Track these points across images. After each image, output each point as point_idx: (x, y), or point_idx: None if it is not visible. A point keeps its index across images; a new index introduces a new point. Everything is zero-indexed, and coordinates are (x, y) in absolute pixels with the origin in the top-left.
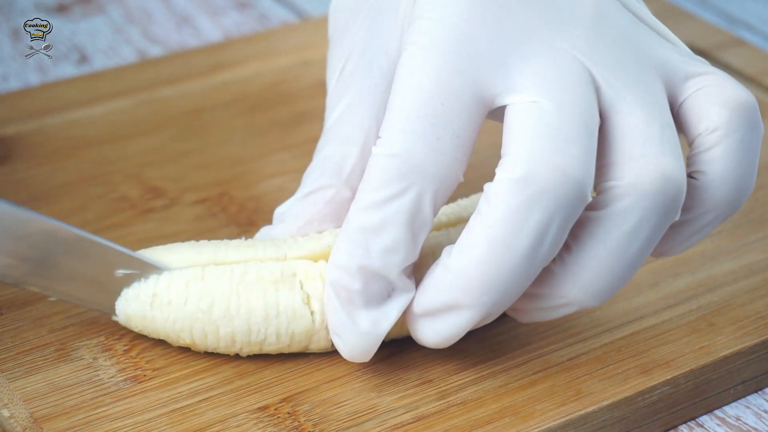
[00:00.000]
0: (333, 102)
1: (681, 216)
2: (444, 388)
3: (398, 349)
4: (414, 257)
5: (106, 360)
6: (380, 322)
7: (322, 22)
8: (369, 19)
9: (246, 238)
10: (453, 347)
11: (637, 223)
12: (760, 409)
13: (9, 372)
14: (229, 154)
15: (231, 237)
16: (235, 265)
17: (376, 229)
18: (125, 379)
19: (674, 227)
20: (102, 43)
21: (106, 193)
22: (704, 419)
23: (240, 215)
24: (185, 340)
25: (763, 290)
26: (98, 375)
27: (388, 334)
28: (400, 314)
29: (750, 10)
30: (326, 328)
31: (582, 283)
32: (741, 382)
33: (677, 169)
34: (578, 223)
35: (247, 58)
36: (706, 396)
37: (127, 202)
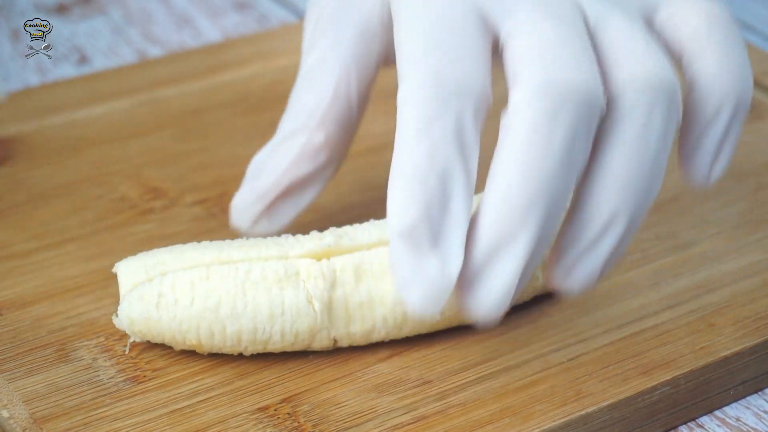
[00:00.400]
0: (307, 51)
1: (696, 124)
2: (444, 388)
3: (398, 350)
4: (471, 184)
5: (105, 361)
6: (450, 264)
7: None
8: None
9: (247, 238)
10: (453, 348)
11: (645, 117)
12: (760, 409)
13: (9, 373)
14: (229, 154)
15: (231, 237)
16: (239, 264)
17: (428, 156)
18: (125, 380)
19: (699, 136)
20: (102, 43)
21: (105, 194)
22: (704, 420)
23: None
24: (191, 340)
25: (764, 291)
26: (98, 376)
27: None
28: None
29: (750, 10)
30: (328, 327)
31: (615, 191)
32: (741, 382)
33: (666, 66)
34: (596, 135)
35: (246, 59)
36: (706, 396)
37: (127, 202)
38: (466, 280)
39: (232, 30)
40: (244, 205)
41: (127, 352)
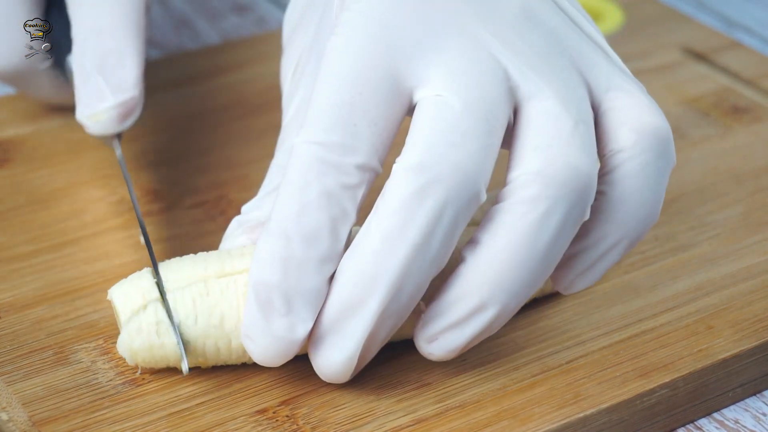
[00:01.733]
0: (288, 99)
1: (582, 240)
2: (443, 391)
3: (397, 352)
4: (335, 254)
5: (104, 363)
6: (296, 327)
7: None
8: (317, 16)
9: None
10: None
11: (544, 212)
12: (758, 412)
13: (8, 375)
14: (228, 157)
15: None
16: (237, 276)
17: (296, 217)
18: (124, 383)
19: (577, 253)
20: None
21: (104, 196)
22: (703, 422)
23: None
24: (198, 358)
25: (762, 293)
26: (97, 378)
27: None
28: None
29: (748, 12)
30: None
31: (494, 279)
32: (739, 385)
33: (586, 163)
34: (487, 217)
35: (245, 62)
36: (704, 399)
37: (126, 204)
38: (315, 338)
39: (231, 32)
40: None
41: (138, 374)
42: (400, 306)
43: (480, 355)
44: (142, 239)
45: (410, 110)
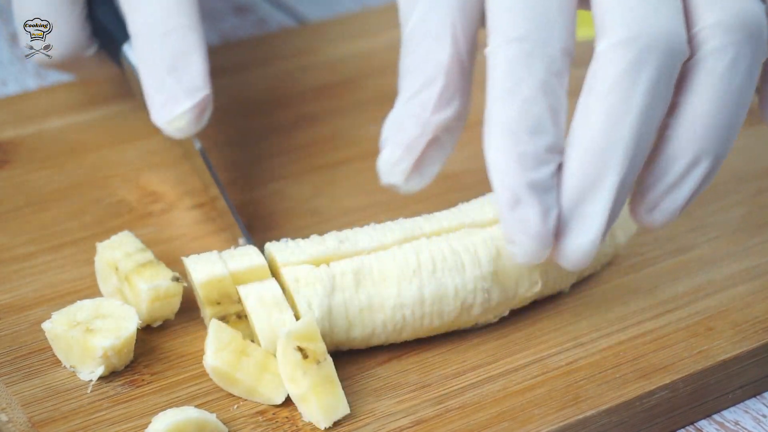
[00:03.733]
0: (409, 8)
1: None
2: (443, 392)
3: (397, 354)
4: (561, 142)
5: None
6: (548, 217)
7: (321, 27)
8: None
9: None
10: (451, 352)
11: (733, 58)
12: (758, 413)
13: (7, 376)
14: (227, 158)
15: (228, 241)
16: (407, 248)
17: (518, 114)
18: (123, 384)
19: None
20: None
21: (104, 197)
22: (703, 424)
23: None
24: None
25: (762, 294)
26: (96, 379)
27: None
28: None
29: None
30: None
31: (703, 131)
32: (740, 386)
33: (756, 4)
34: (680, 78)
35: (245, 63)
36: (704, 400)
37: (126, 206)
38: (558, 228)
39: (231, 34)
40: (393, 161)
41: (138, 376)
42: (633, 176)
43: (480, 356)
44: (241, 240)
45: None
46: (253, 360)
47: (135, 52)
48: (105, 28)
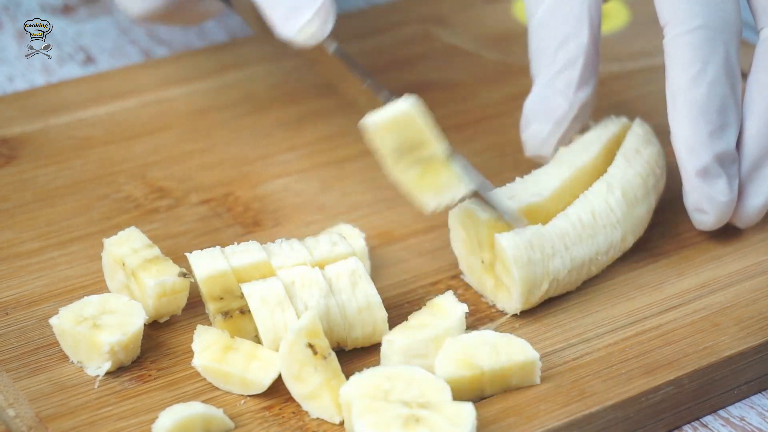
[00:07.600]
0: (535, 4)
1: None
2: None
3: None
4: (739, 114)
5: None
6: (732, 186)
7: None
8: None
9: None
10: None
11: None
12: (764, 409)
13: (14, 372)
14: (234, 154)
15: (236, 237)
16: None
17: (706, 97)
18: (130, 379)
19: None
20: (107, 43)
21: (111, 193)
22: (708, 419)
23: (245, 215)
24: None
25: (767, 290)
26: (103, 375)
27: None
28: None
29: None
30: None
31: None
32: (745, 382)
33: None
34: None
35: (252, 59)
36: (710, 396)
37: (132, 202)
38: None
39: (238, 30)
40: (542, 136)
41: (144, 372)
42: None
43: None
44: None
45: None
46: (240, 353)
47: None
48: None
